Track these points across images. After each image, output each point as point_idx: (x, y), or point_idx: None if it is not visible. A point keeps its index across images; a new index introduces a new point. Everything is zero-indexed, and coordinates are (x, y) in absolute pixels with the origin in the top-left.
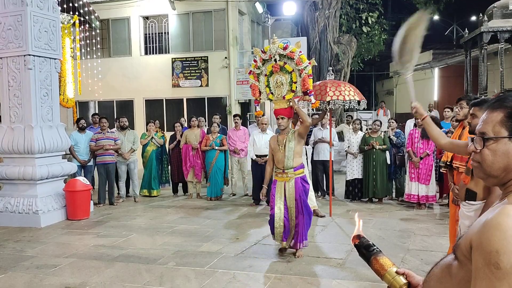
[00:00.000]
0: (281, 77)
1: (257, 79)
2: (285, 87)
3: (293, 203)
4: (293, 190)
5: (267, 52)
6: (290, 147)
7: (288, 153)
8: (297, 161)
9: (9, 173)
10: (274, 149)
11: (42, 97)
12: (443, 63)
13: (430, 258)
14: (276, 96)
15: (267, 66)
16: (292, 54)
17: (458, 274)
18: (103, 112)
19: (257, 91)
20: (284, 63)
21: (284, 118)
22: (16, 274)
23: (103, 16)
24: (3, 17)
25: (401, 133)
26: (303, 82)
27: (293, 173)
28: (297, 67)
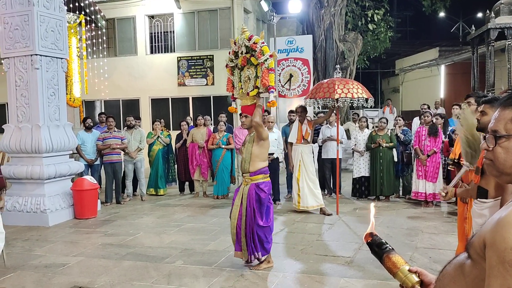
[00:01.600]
0: (249, 71)
1: (231, 73)
2: (251, 82)
3: (244, 211)
4: (246, 197)
5: (236, 43)
6: (248, 149)
7: (246, 155)
8: (254, 165)
9: (17, 173)
10: (240, 149)
11: (49, 96)
12: (449, 60)
13: (439, 256)
14: (242, 92)
15: (238, 59)
16: (255, 46)
17: (471, 273)
18: (109, 111)
19: (231, 85)
20: (251, 56)
21: (248, 116)
22: (25, 273)
23: (109, 15)
24: (10, 17)
25: (408, 131)
26: (263, 77)
27: (249, 178)
28: (258, 60)
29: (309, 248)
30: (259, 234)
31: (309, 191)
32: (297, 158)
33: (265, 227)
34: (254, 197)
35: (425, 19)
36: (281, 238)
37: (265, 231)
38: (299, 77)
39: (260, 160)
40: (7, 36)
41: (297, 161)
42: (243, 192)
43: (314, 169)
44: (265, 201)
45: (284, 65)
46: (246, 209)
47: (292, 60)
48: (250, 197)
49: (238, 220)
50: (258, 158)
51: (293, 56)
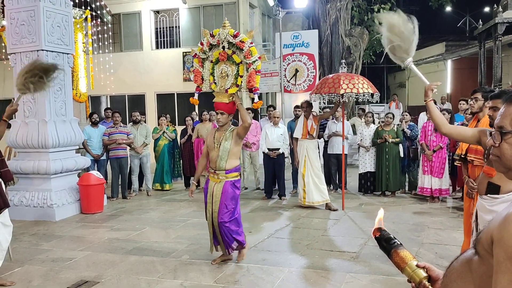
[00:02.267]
0: (227, 68)
1: (201, 65)
2: (230, 80)
3: (216, 208)
4: (219, 194)
5: (215, 36)
6: (225, 146)
7: (222, 153)
8: (231, 163)
9: (24, 168)
10: (209, 146)
11: (56, 92)
12: (456, 55)
13: (445, 252)
14: (219, 88)
15: (214, 52)
16: (242, 44)
17: (479, 269)
18: (115, 107)
19: (200, 77)
20: (233, 53)
21: (224, 113)
22: (32, 267)
23: (115, 10)
24: (16, 12)
25: (414, 126)
26: (249, 78)
27: (224, 176)
28: (246, 60)
29: (315, 243)
30: (232, 229)
31: (314, 187)
32: (303, 153)
33: (237, 223)
34: (229, 194)
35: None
36: (286, 233)
37: (238, 226)
38: (305, 72)
39: (235, 157)
40: (13, 32)
41: (303, 156)
42: (215, 190)
43: (320, 165)
44: (237, 199)
45: (289, 60)
46: (219, 206)
47: (297, 55)
48: (226, 194)
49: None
50: (235, 156)
51: (299, 51)
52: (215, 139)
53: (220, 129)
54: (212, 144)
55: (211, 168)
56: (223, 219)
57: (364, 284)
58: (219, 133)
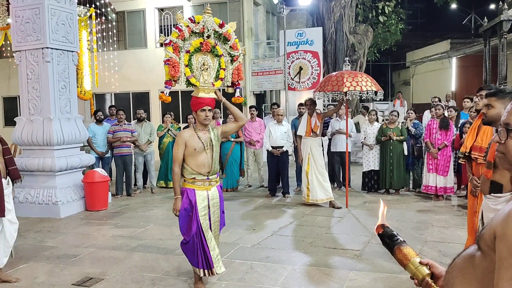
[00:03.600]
0: (208, 59)
1: (178, 54)
2: (212, 73)
3: (217, 217)
4: (218, 200)
5: (199, 23)
6: (217, 148)
7: (215, 155)
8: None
9: (29, 165)
10: (198, 148)
11: (60, 89)
12: (461, 52)
13: (449, 250)
14: (204, 82)
15: (194, 41)
16: (229, 36)
17: (481, 265)
18: (119, 104)
19: (178, 69)
20: (215, 44)
21: (211, 110)
22: (37, 264)
23: (119, 8)
24: (21, 10)
25: (419, 124)
26: (238, 72)
27: (215, 180)
28: (232, 52)
29: (318, 241)
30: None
31: (318, 184)
32: (306, 151)
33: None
34: (222, 199)
35: (436, 11)
36: (290, 231)
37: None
38: (309, 70)
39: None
40: (18, 30)
41: (306, 154)
42: (211, 197)
43: (323, 162)
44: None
45: (293, 58)
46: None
47: (301, 53)
48: (221, 198)
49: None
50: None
51: (303, 48)
52: (203, 140)
53: (203, 129)
54: (201, 146)
55: (199, 174)
56: (222, 225)
57: (367, 282)
58: (202, 133)
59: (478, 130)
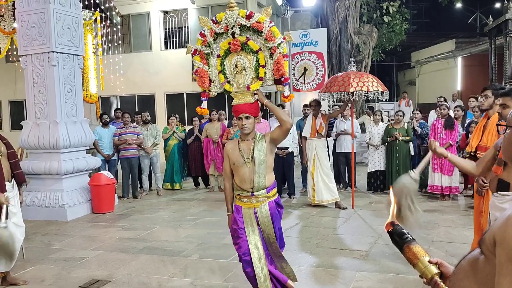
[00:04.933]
0: (243, 59)
1: (205, 62)
2: (249, 73)
3: (273, 238)
4: (269, 218)
5: (221, 22)
6: (261, 159)
7: (259, 167)
8: (270, 178)
9: (36, 168)
10: (236, 162)
11: (66, 93)
12: (466, 52)
13: (455, 250)
14: (237, 86)
15: (221, 43)
16: (260, 26)
17: (484, 269)
18: (124, 107)
19: (207, 79)
20: (247, 39)
21: (250, 117)
22: (44, 267)
23: (124, 11)
24: (27, 15)
25: (425, 124)
26: (277, 66)
27: (266, 196)
28: (268, 44)
29: (324, 242)
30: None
31: (324, 185)
32: (311, 152)
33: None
34: (279, 217)
35: (441, 11)
36: (296, 232)
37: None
38: (314, 71)
39: (271, 170)
40: (24, 34)
41: (312, 155)
42: (261, 216)
43: (329, 163)
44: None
45: (298, 59)
46: (271, 238)
47: (306, 54)
48: (275, 219)
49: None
50: (271, 168)
51: (308, 49)
52: (243, 152)
53: (245, 138)
54: (241, 159)
55: (243, 191)
56: (282, 246)
57: (374, 283)
58: (245, 144)
59: (483, 130)
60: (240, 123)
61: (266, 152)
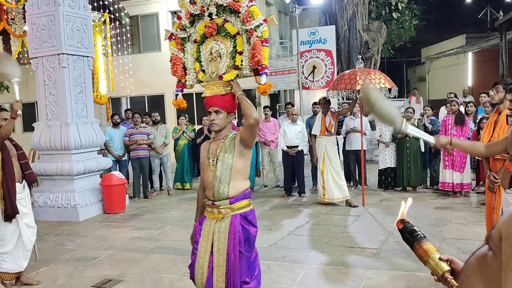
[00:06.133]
0: (219, 45)
1: (181, 48)
2: (225, 61)
3: (222, 261)
4: (225, 238)
5: (197, 1)
6: (225, 162)
7: (222, 172)
8: (237, 186)
9: (48, 169)
10: (203, 164)
11: (77, 94)
12: (477, 47)
13: (467, 247)
14: (209, 75)
15: (198, 27)
16: (237, 5)
17: (492, 265)
18: (134, 107)
19: (180, 66)
20: (225, 21)
21: (221, 112)
22: (57, 267)
23: (132, 12)
24: (37, 17)
25: (436, 121)
26: (253, 52)
27: (229, 207)
28: (245, 27)
29: (335, 240)
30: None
31: (334, 183)
32: (321, 150)
33: (255, 278)
34: (241, 236)
35: (451, 6)
36: (306, 230)
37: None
38: (323, 69)
39: (243, 178)
40: (34, 36)
41: (321, 153)
42: (217, 231)
43: (339, 161)
44: (254, 241)
45: (307, 57)
46: (226, 258)
47: (315, 52)
48: (234, 237)
49: (208, 277)
50: (241, 175)
51: (316, 47)
52: (210, 153)
53: (216, 137)
54: (206, 160)
55: (206, 199)
56: (241, 277)
57: (385, 280)
58: (215, 144)
59: (494, 125)
60: (209, 119)
61: (234, 154)
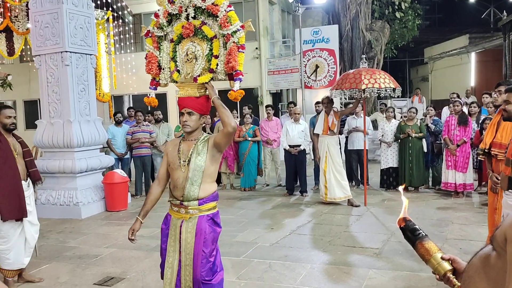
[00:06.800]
0: (195, 46)
1: (157, 46)
2: (200, 63)
3: (190, 260)
4: (192, 237)
5: (176, 1)
6: (198, 164)
7: (193, 174)
8: (207, 188)
9: (50, 167)
10: (172, 163)
11: (80, 92)
12: (480, 47)
13: (469, 248)
14: (184, 76)
15: (175, 26)
16: (216, 9)
17: (496, 265)
18: (137, 106)
19: (155, 65)
20: (202, 23)
21: (194, 113)
22: (59, 264)
23: (135, 10)
24: (40, 15)
25: (439, 121)
26: (229, 57)
27: (197, 208)
28: (222, 31)
29: (337, 239)
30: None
31: (336, 183)
32: (324, 149)
33: (215, 276)
34: (209, 237)
35: (454, 6)
36: (308, 229)
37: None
38: (325, 68)
39: (212, 180)
40: (38, 34)
41: (324, 152)
42: (184, 232)
43: (341, 160)
44: (217, 240)
45: (310, 56)
46: (193, 257)
47: (318, 51)
48: (201, 236)
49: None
50: (211, 178)
51: (319, 46)
52: (181, 153)
53: (187, 138)
54: (177, 160)
55: (173, 198)
56: (203, 276)
57: (387, 280)
58: (186, 144)
59: (497, 126)
60: (182, 120)
61: (207, 158)
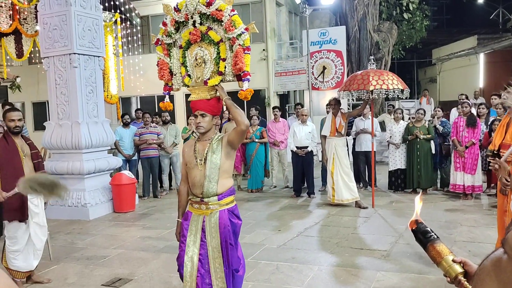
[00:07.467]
0: (203, 51)
1: (167, 53)
2: (209, 67)
3: (218, 253)
4: (217, 229)
5: (182, 9)
6: (214, 162)
7: (211, 171)
8: (224, 184)
9: (58, 168)
10: (189, 163)
11: (88, 94)
12: (488, 48)
13: (478, 250)
14: (195, 80)
15: (183, 33)
16: (220, 14)
17: (507, 268)
18: (144, 107)
19: (167, 71)
20: (209, 29)
21: (206, 115)
22: (68, 265)
23: (143, 12)
24: (48, 17)
25: (447, 122)
26: (235, 59)
27: (217, 203)
28: (228, 35)
29: (345, 241)
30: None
31: (343, 184)
32: (331, 151)
33: (242, 267)
34: (229, 229)
35: (462, 6)
36: (316, 231)
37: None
38: (333, 69)
39: (229, 176)
40: (46, 36)
41: (331, 154)
42: (207, 225)
43: (349, 162)
44: (239, 233)
45: (317, 57)
46: (221, 249)
47: (325, 52)
48: (224, 230)
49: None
50: (227, 174)
51: (326, 48)
52: (197, 152)
53: (201, 138)
54: (193, 160)
55: (193, 196)
56: (234, 266)
57: (395, 282)
58: (201, 144)
59: (507, 128)
60: (196, 122)
61: (222, 155)
